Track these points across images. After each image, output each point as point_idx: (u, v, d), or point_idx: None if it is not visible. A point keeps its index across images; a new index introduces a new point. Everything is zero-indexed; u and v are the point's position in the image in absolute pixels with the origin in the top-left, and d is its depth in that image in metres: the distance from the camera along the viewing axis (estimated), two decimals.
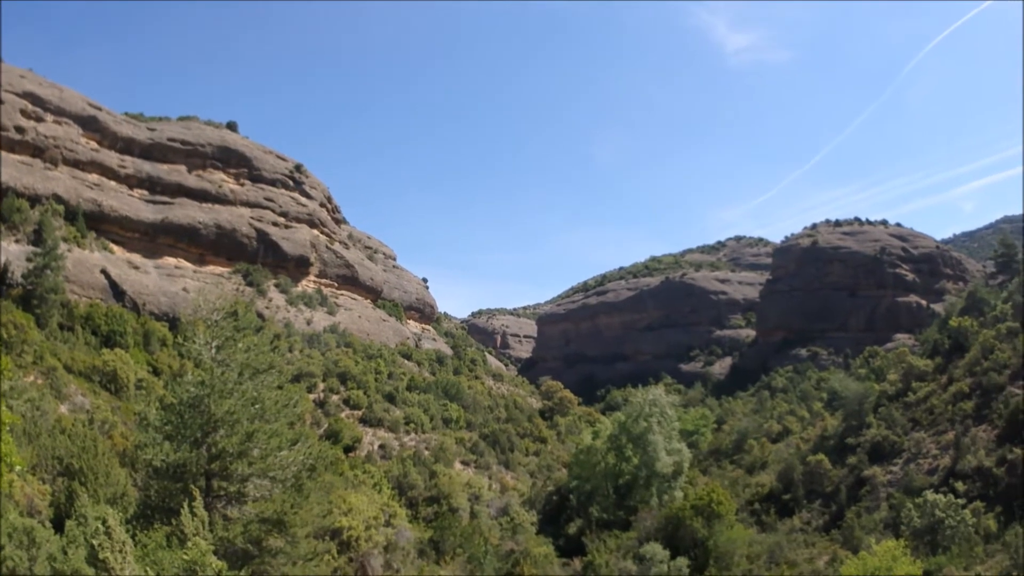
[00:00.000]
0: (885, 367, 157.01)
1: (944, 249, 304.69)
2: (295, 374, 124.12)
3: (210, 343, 42.92)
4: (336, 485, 67.38)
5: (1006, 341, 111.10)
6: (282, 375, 49.26)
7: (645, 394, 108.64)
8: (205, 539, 32.63)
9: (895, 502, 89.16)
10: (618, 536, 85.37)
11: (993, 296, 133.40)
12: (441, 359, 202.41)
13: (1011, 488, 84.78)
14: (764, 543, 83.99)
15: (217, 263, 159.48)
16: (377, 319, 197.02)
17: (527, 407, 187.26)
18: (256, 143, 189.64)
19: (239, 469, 41.34)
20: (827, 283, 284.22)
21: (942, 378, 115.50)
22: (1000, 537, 76.37)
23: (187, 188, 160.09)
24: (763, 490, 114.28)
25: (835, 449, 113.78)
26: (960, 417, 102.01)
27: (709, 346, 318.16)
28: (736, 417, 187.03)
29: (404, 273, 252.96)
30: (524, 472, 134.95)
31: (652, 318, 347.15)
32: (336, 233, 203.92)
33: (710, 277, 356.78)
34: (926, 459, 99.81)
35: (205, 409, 40.87)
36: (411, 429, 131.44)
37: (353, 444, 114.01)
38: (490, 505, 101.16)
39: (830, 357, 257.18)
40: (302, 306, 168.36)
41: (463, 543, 71.50)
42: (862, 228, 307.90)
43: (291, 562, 40.64)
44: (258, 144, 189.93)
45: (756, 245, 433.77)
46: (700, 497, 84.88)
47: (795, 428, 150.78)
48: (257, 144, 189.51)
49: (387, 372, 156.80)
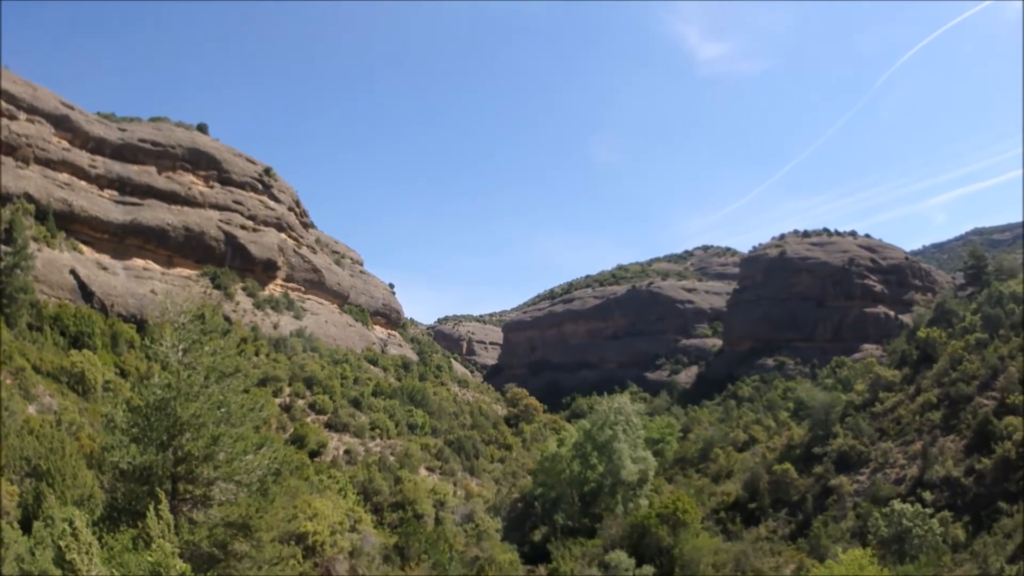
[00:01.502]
0: (852, 377, 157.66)
1: (913, 260, 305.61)
2: (261, 378, 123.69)
3: (177, 346, 42.77)
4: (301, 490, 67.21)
5: (975, 352, 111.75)
6: (248, 379, 48.95)
7: (611, 402, 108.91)
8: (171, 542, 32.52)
9: (862, 511, 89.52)
10: (583, 543, 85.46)
11: (962, 307, 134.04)
12: (407, 365, 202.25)
13: (979, 498, 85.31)
14: (730, 551, 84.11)
15: (185, 265, 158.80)
16: (343, 324, 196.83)
17: (492, 414, 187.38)
18: (226, 145, 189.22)
19: (205, 472, 41.22)
20: (794, 293, 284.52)
21: (910, 388, 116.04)
22: (969, 546, 76.83)
23: (156, 189, 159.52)
24: (729, 499, 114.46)
25: (801, 458, 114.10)
26: (928, 427, 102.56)
27: (675, 355, 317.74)
28: (702, 426, 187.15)
29: (371, 278, 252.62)
30: (489, 479, 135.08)
31: (618, 326, 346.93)
32: (304, 237, 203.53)
33: (677, 286, 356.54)
34: (893, 469, 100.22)
35: (171, 412, 40.66)
36: (376, 435, 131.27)
37: (318, 449, 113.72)
38: (455, 511, 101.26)
39: (797, 367, 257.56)
40: (269, 310, 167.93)
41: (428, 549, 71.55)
42: (831, 239, 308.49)
43: (256, 566, 40.58)
44: (228, 146, 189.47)
45: (724, 255, 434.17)
46: (665, 505, 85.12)
47: (761, 437, 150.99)
48: (227, 146, 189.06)
49: (353, 377, 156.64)
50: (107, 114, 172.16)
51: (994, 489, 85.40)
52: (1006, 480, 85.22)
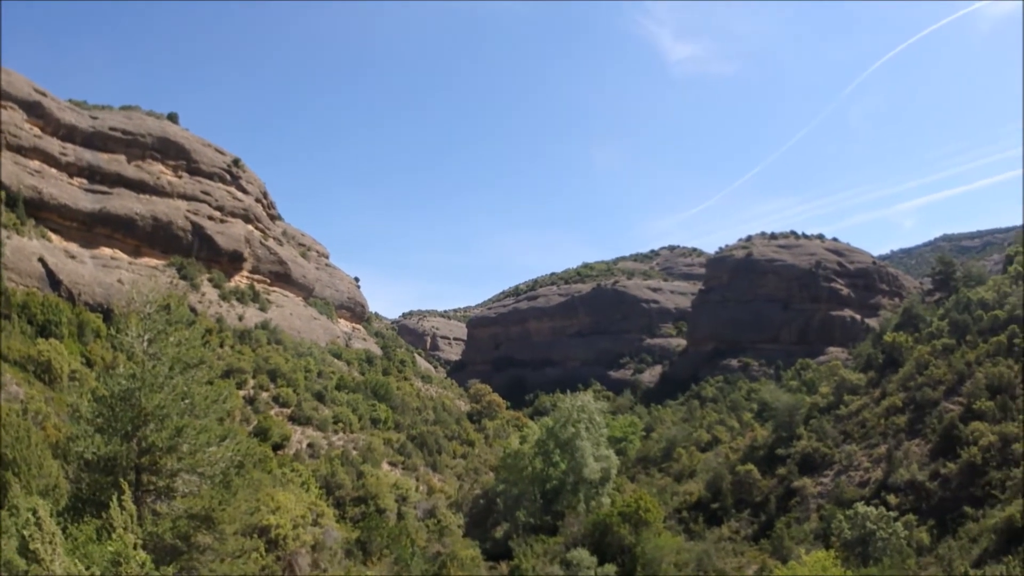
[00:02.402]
0: (817, 379, 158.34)
1: (881, 265, 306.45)
2: (225, 370, 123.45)
3: (142, 336, 42.52)
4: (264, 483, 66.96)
5: (941, 357, 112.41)
6: (212, 370, 48.88)
7: (574, 400, 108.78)
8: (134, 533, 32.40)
9: (825, 513, 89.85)
10: (545, 541, 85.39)
11: (929, 313, 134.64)
12: (371, 359, 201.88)
13: (944, 502, 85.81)
14: (692, 551, 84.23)
15: (152, 255, 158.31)
16: (308, 317, 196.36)
17: (455, 410, 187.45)
18: (195, 135, 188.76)
19: (168, 464, 41.06)
20: (760, 295, 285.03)
21: (875, 392, 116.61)
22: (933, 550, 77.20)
23: (126, 179, 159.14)
24: (691, 498, 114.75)
25: (765, 459, 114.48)
26: (893, 431, 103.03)
27: (639, 354, 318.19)
28: (665, 425, 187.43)
29: (336, 272, 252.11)
30: (451, 474, 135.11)
31: (582, 324, 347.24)
32: (271, 229, 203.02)
33: (642, 285, 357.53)
34: (857, 471, 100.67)
35: (136, 402, 40.46)
36: (339, 428, 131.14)
37: (282, 442, 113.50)
38: (417, 507, 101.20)
39: (761, 368, 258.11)
40: (234, 301, 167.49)
41: (390, 544, 71.42)
42: (798, 242, 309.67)
43: (219, 559, 40.43)
44: (197, 137, 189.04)
45: (690, 255, 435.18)
46: (628, 504, 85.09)
47: (724, 438, 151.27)
48: (196, 137, 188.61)
49: (317, 371, 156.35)
50: (79, 101, 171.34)
51: (960, 494, 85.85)
52: (972, 485, 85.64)
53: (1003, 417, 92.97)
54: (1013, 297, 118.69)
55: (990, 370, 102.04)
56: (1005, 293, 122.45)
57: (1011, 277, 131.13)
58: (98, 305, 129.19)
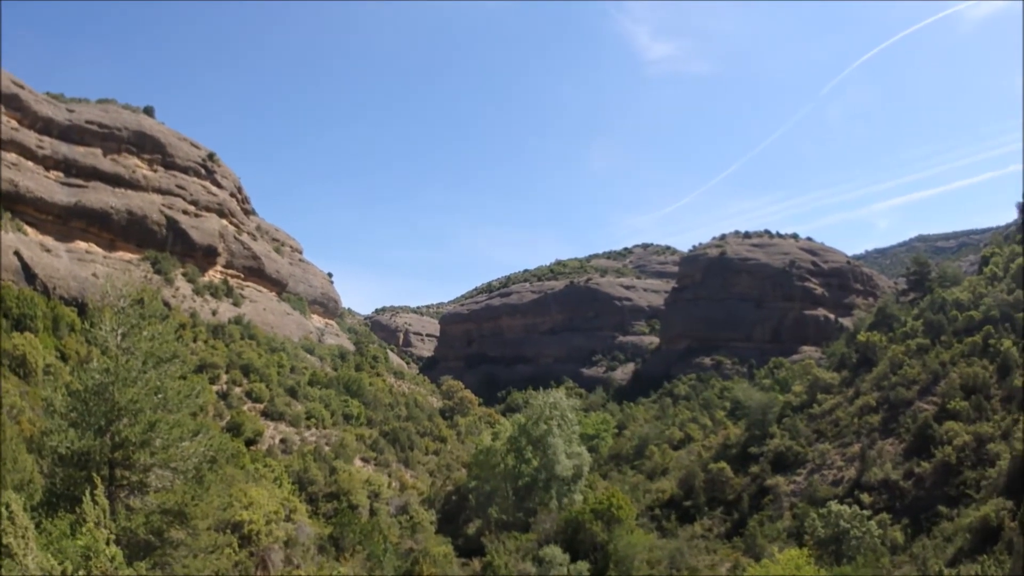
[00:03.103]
0: (790, 378, 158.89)
1: (855, 264, 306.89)
2: (198, 365, 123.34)
3: (116, 330, 42.45)
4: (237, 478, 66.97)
5: (916, 357, 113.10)
6: (185, 365, 48.87)
7: (546, 397, 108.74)
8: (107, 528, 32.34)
9: (799, 512, 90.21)
10: (517, 538, 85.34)
11: (904, 313, 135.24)
12: (343, 355, 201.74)
13: (918, 501, 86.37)
14: (665, 549, 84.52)
15: (127, 249, 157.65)
16: (281, 312, 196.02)
17: (428, 406, 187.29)
18: (171, 129, 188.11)
19: (141, 459, 40.99)
20: (734, 293, 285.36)
21: (848, 391, 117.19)
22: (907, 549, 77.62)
23: (101, 172, 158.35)
24: (664, 496, 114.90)
25: (737, 458, 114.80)
26: (866, 430, 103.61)
27: (612, 351, 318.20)
28: (637, 423, 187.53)
29: (310, 267, 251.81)
30: (424, 471, 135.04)
31: (555, 321, 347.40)
32: (245, 224, 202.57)
33: (615, 283, 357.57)
34: (831, 470, 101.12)
35: (109, 397, 40.42)
36: (312, 424, 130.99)
37: (255, 437, 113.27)
38: (390, 503, 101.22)
39: (734, 367, 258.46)
40: (208, 296, 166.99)
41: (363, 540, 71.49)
42: (772, 241, 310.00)
43: (192, 554, 40.40)
44: (173, 131, 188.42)
45: (663, 253, 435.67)
46: (600, 501, 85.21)
47: (697, 436, 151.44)
48: (172, 130, 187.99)
49: (289, 366, 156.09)
50: (56, 95, 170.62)
51: (934, 493, 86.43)
52: (946, 484, 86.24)
53: (978, 417, 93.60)
54: (989, 298, 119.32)
55: (965, 370, 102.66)
56: (980, 294, 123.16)
57: (987, 278, 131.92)
58: (73, 299, 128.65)
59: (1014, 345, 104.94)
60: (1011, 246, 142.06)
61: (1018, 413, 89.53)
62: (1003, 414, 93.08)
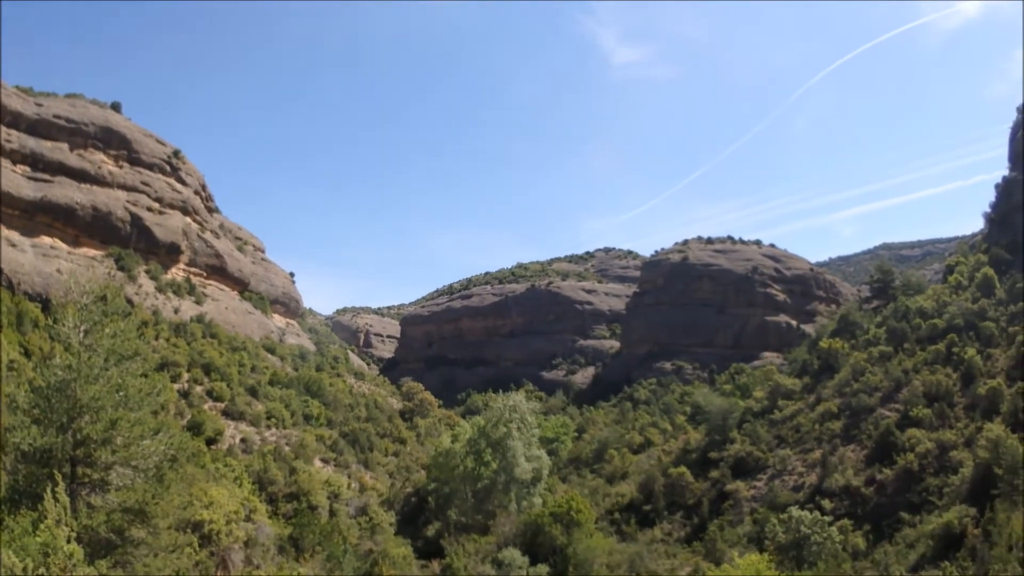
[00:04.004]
0: (751, 384, 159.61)
1: (818, 271, 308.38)
2: (160, 363, 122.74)
3: (79, 327, 42.39)
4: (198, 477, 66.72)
5: (878, 364, 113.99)
6: (147, 363, 48.63)
7: (506, 399, 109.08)
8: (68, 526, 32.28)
9: (759, 517, 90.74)
10: (476, 540, 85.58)
11: (866, 320, 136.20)
12: (304, 355, 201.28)
13: (880, 507, 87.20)
14: (624, 552, 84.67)
15: (91, 245, 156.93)
16: (243, 311, 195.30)
17: (388, 407, 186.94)
18: (137, 125, 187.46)
19: (103, 457, 40.86)
20: (695, 299, 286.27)
21: (810, 397, 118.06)
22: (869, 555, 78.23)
23: (68, 167, 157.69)
24: (623, 500, 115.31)
25: (698, 463, 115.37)
26: (828, 436, 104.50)
27: (572, 355, 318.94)
28: (597, 427, 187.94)
29: (272, 266, 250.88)
30: (383, 472, 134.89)
31: (516, 324, 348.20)
32: (208, 222, 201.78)
33: (576, 286, 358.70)
34: (791, 476, 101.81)
35: (72, 394, 40.26)
36: (272, 424, 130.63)
37: (215, 437, 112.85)
38: (349, 504, 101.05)
39: (695, 372, 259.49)
40: (171, 294, 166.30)
41: (322, 541, 71.57)
42: (734, 247, 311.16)
43: (153, 553, 40.33)
44: (139, 127, 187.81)
45: (625, 257, 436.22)
46: (559, 504, 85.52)
47: (657, 440, 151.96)
48: (138, 127, 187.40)
49: (250, 365, 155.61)
50: (25, 88, 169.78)
51: (896, 499, 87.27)
52: (908, 491, 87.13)
53: (941, 425, 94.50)
54: (953, 307, 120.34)
55: (928, 378, 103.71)
56: (945, 303, 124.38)
57: (951, 287, 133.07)
58: (37, 295, 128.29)
59: (978, 354, 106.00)
60: (976, 255, 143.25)
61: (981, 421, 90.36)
62: (966, 422, 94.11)
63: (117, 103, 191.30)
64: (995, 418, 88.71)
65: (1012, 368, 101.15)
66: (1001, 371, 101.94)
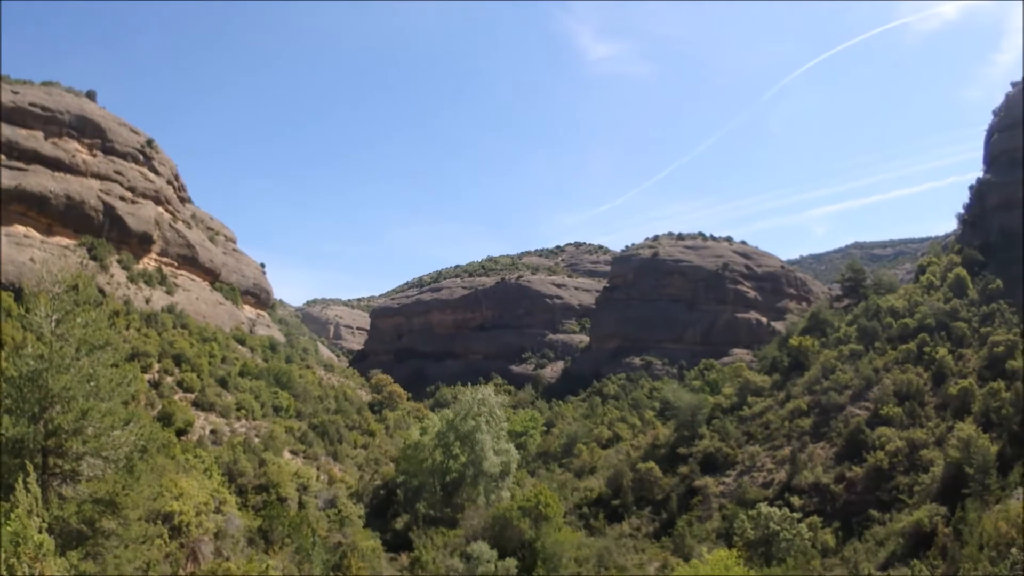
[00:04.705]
0: (721, 380, 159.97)
1: (789, 269, 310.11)
2: (131, 353, 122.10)
3: (51, 316, 42.38)
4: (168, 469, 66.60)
5: (848, 363, 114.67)
6: (118, 353, 48.55)
7: (474, 393, 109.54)
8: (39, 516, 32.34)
9: (728, 513, 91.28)
10: (445, 533, 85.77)
11: (837, 318, 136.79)
12: (274, 346, 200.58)
13: (850, 505, 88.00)
14: (593, 547, 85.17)
15: (64, 234, 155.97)
16: (214, 302, 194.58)
17: (357, 399, 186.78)
18: (112, 115, 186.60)
19: (74, 447, 40.87)
20: (665, 294, 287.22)
21: (779, 394, 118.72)
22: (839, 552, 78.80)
23: (42, 156, 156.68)
24: (592, 495, 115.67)
25: (666, 458, 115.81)
26: (797, 434, 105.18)
27: (541, 349, 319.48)
28: (566, 421, 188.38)
29: (243, 257, 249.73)
30: (352, 464, 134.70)
31: (485, 318, 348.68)
32: (180, 212, 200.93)
33: (546, 281, 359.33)
34: (761, 472, 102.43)
35: (43, 384, 40.25)
36: (242, 415, 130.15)
37: (185, 428, 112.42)
38: (318, 496, 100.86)
39: (664, 367, 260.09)
40: (142, 284, 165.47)
41: (291, 533, 71.40)
42: (705, 243, 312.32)
43: (123, 544, 40.29)
44: (114, 116, 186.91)
45: (596, 252, 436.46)
46: (528, 498, 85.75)
47: (626, 435, 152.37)
48: (113, 115, 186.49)
49: (221, 356, 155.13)
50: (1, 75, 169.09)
51: (865, 497, 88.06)
52: (878, 489, 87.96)
53: (911, 423, 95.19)
54: (925, 306, 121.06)
55: (899, 377, 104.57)
56: (916, 302, 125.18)
57: (923, 287, 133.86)
58: (10, 283, 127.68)
59: (950, 354, 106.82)
60: (949, 256, 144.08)
61: (952, 421, 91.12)
62: (937, 421, 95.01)
63: (92, 91, 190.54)
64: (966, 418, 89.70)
65: (984, 368, 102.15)
66: (973, 371, 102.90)
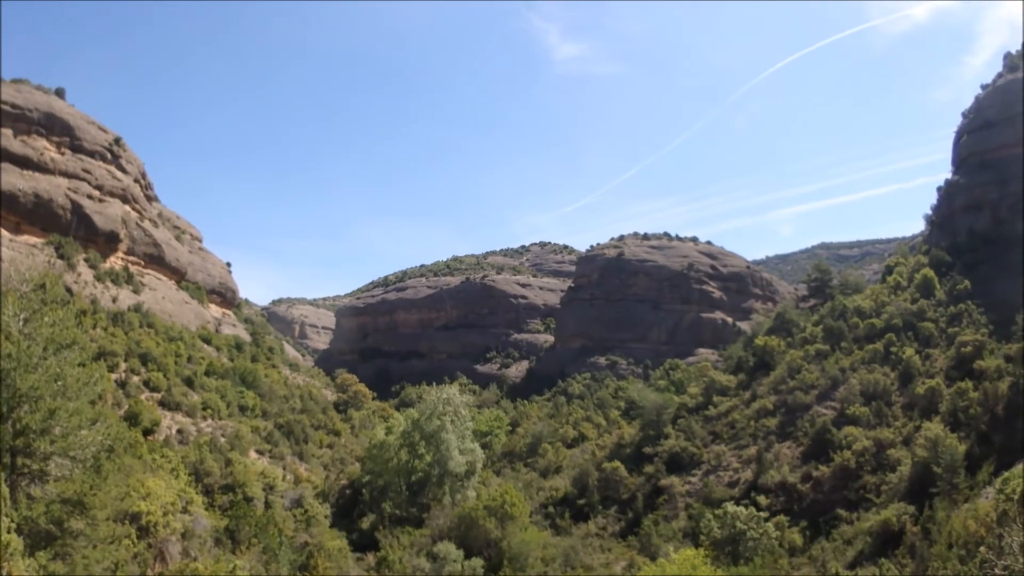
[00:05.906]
0: (686, 380, 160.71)
1: (755, 269, 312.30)
2: (98, 352, 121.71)
3: (18, 315, 42.43)
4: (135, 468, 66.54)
5: (814, 363, 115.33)
6: (85, 352, 48.67)
7: (439, 392, 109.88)
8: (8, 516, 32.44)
9: (694, 512, 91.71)
10: (411, 533, 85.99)
11: (803, 318, 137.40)
12: (240, 345, 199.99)
13: (816, 504, 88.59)
14: (559, 546, 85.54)
15: (32, 233, 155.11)
16: (180, 301, 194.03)
17: (322, 399, 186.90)
18: (81, 112, 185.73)
19: (42, 447, 40.91)
20: (630, 294, 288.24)
21: (745, 394, 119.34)
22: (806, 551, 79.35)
23: (11, 154, 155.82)
24: (557, 494, 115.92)
25: (632, 457, 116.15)
26: (763, 433, 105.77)
27: (506, 349, 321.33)
28: (531, 421, 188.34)
29: (209, 256, 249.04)
30: (318, 464, 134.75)
31: (450, 317, 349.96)
32: (147, 211, 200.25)
33: (511, 280, 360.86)
34: (727, 472, 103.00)
35: (11, 383, 40.25)
36: (208, 415, 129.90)
37: (152, 427, 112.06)
38: (284, 496, 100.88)
39: (629, 367, 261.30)
40: (109, 283, 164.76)
41: (258, 533, 71.44)
42: (671, 243, 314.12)
43: (91, 545, 40.38)
44: (82, 113, 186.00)
45: (561, 252, 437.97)
46: (493, 498, 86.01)
47: (591, 435, 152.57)
48: (81, 113, 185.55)
49: (187, 355, 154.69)
50: None
51: (832, 496, 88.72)
52: (845, 488, 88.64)
53: (878, 423, 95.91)
54: (891, 307, 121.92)
55: (865, 376, 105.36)
56: (883, 302, 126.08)
57: (890, 287, 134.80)
58: None
59: (917, 354, 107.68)
60: (916, 257, 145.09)
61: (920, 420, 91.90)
62: (904, 421, 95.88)
63: (61, 89, 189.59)
64: (933, 417, 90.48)
65: (951, 368, 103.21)
66: (940, 371, 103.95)
